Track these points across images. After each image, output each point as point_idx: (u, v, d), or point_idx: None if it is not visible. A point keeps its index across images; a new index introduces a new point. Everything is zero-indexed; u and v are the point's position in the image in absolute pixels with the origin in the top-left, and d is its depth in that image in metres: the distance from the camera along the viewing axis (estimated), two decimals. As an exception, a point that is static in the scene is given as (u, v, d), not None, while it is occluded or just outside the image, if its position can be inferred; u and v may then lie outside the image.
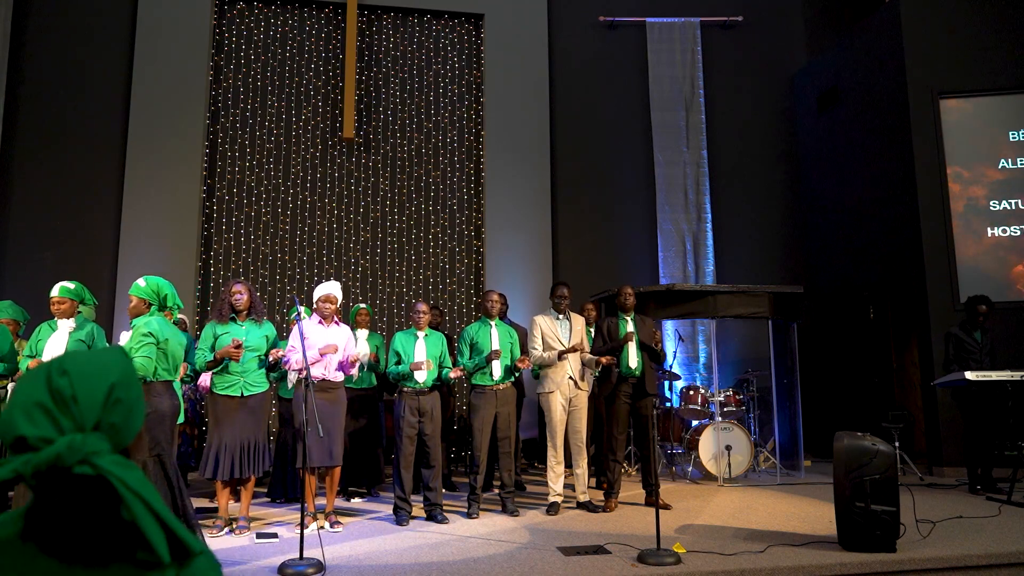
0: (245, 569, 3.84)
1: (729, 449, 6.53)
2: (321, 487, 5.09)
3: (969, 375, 5.72)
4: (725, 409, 6.94)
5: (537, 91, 8.99)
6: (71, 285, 4.51)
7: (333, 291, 4.93)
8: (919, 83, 7.65)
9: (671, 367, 7.67)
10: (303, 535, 3.79)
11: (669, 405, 7.45)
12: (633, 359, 5.56)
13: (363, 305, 6.18)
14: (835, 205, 8.96)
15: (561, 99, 9.21)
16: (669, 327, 8.43)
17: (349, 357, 4.85)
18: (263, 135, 8.47)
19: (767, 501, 5.70)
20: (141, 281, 3.96)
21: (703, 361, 8.79)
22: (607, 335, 5.62)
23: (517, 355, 5.38)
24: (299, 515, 4.67)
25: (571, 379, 5.43)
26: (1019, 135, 7.57)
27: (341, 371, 4.88)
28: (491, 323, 5.40)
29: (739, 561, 3.82)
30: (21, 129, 7.94)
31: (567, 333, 5.50)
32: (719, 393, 6.96)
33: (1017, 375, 5.68)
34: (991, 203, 7.50)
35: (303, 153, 8.52)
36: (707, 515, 5.17)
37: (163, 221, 7.95)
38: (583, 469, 5.47)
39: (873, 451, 3.98)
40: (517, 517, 5.15)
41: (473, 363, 5.28)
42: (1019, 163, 7.53)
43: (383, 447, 6.20)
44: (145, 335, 3.77)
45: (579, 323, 5.61)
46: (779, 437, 7.27)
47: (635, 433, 6.94)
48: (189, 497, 3.76)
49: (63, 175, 7.96)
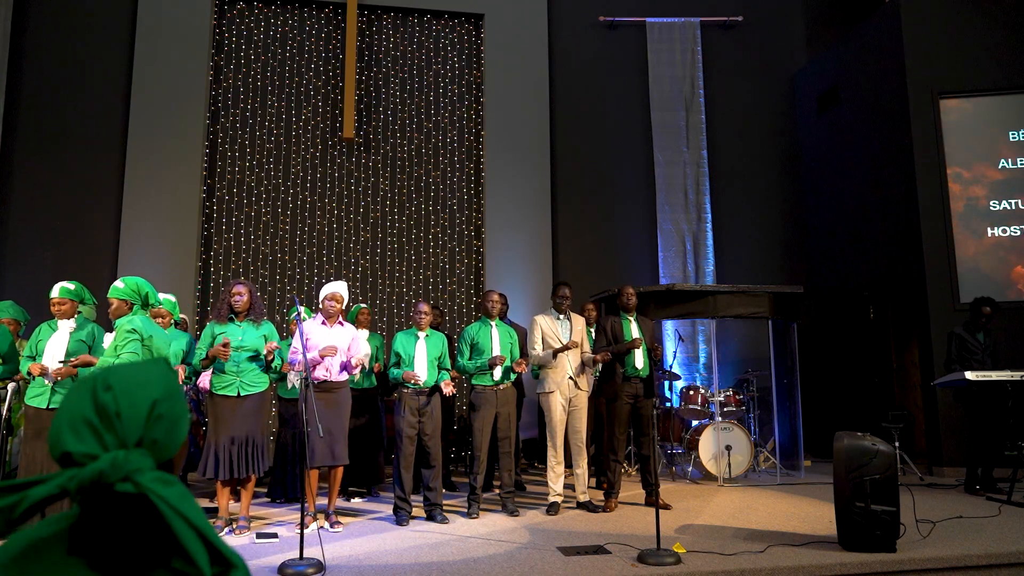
0: (245, 569, 3.83)
1: (729, 449, 6.53)
2: (323, 486, 5.09)
3: (969, 375, 5.72)
4: (725, 409, 6.94)
5: (537, 91, 8.99)
6: (71, 286, 4.51)
7: (339, 290, 4.94)
8: (919, 83, 7.65)
9: (671, 367, 7.68)
10: (303, 535, 3.79)
11: (669, 405, 7.45)
12: (640, 359, 5.56)
13: (363, 305, 6.19)
14: (835, 205, 8.95)
15: (561, 99, 9.21)
16: (669, 327, 8.44)
17: (353, 359, 4.85)
18: (263, 135, 8.46)
19: (767, 501, 5.70)
20: (119, 283, 3.95)
21: (703, 361, 8.79)
22: (610, 334, 5.61)
23: (517, 355, 5.38)
24: (299, 515, 4.67)
25: (571, 379, 5.43)
26: (1019, 135, 7.57)
27: (344, 371, 4.88)
28: (491, 323, 5.41)
29: (739, 561, 3.82)
30: (21, 129, 7.94)
31: (567, 333, 5.50)
32: (719, 393, 6.96)
33: (1017, 375, 5.69)
34: (991, 203, 7.50)
35: (303, 153, 8.52)
36: (707, 515, 5.17)
37: (163, 221, 7.95)
38: (583, 469, 5.46)
39: (873, 451, 3.98)
40: (517, 517, 5.15)
41: (475, 365, 5.28)
42: (1019, 163, 7.53)
43: (383, 447, 6.20)
44: (130, 332, 3.77)
45: (579, 323, 5.61)
46: (779, 437, 7.27)
47: (635, 433, 6.94)
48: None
49: (63, 175, 7.95)
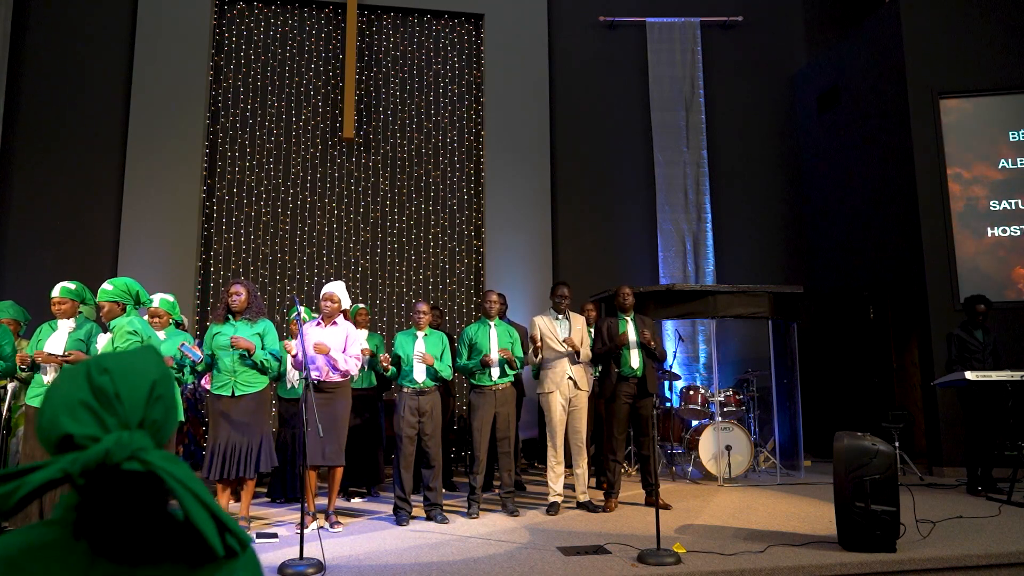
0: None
1: (729, 449, 6.53)
2: (322, 486, 5.09)
3: (969, 375, 5.71)
4: (725, 409, 6.93)
5: (537, 91, 8.99)
6: (72, 285, 4.51)
7: (334, 290, 4.96)
8: (919, 83, 7.65)
9: (671, 367, 7.68)
10: (303, 535, 3.79)
11: (669, 405, 7.45)
12: (635, 359, 5.56)
13: (361, 305, 6.19)
14: (835, 205, 8.95)
15: (561, 99, 9.21)
16: (669, 327, 8.44)
17: (338, 360, 4.79)
18: (263, 135, 8.47)
19: (767, 501, 5.70)
20: (107, 285, 3.95)
21: (703, 361, 8.78)
22: (606, 336, 5.62)
23: (519, 354, 5.39)
24: (299, 515, 4.67)
25: (571, 379, 5.44)
26: (1019, 135, 7.56)
27: (334, 370, 4.86)
28: (490, 323, 5.41)
29: (739, 561, 3.82)
30: (21, 129, 7.94)
31: (566, 333, 5.50)
32: (719, 393, 6.96)
33: (1017, 375, 5.68)
34: (991, 203, 7.50)
35: (303, 153, 8.52)
36: (707, 515, 5.17)
37: (163, 221, 7.95)
38: (583, 469, 5.46)
39: (873, 451, 3.98)
40: (517, 517, 5.15)
41: (471, 365, 5.29)
42: (1019, 163, 7.53)
43: (383, 447, 6.20)
44: (131, 333, 3.78)
45: (579, 322, 5.61)
46: (779, 437, 7.27)
47: (635, 433, 6.94)
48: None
49: (63, 175, 7.95)
